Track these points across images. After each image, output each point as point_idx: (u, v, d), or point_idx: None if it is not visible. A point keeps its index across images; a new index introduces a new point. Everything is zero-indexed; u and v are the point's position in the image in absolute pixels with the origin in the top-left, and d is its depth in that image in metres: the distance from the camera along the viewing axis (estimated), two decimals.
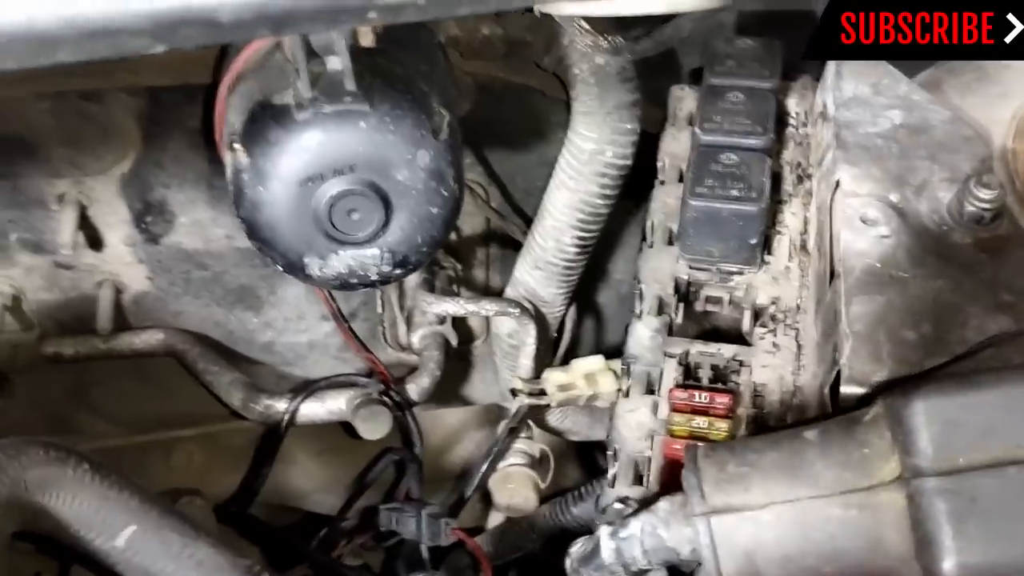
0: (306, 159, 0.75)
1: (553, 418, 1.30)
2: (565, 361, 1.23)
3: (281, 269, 0.82)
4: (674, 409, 0.79)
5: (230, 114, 0.82)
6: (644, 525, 0.59)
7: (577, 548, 0.67)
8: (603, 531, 0.62)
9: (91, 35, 0.36)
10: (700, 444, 0.61)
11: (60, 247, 1.15)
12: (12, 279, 1.24)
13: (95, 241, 1.22)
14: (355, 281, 0.82)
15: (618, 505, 0.65)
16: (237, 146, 0.77)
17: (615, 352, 1.23)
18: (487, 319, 1.32)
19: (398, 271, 0.82)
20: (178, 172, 1.17)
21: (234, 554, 0.83)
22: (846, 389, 0.72)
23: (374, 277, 0.82)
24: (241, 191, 0.78)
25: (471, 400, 1.43)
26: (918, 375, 0.58)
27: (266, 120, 0.76)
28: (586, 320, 1.37)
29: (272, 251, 0.80)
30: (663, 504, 0.59)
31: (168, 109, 1.10)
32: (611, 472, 0.81)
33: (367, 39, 0.74)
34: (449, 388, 1.39)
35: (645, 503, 0.60)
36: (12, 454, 0.74)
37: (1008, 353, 0.61)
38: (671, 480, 0.78)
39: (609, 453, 0.82)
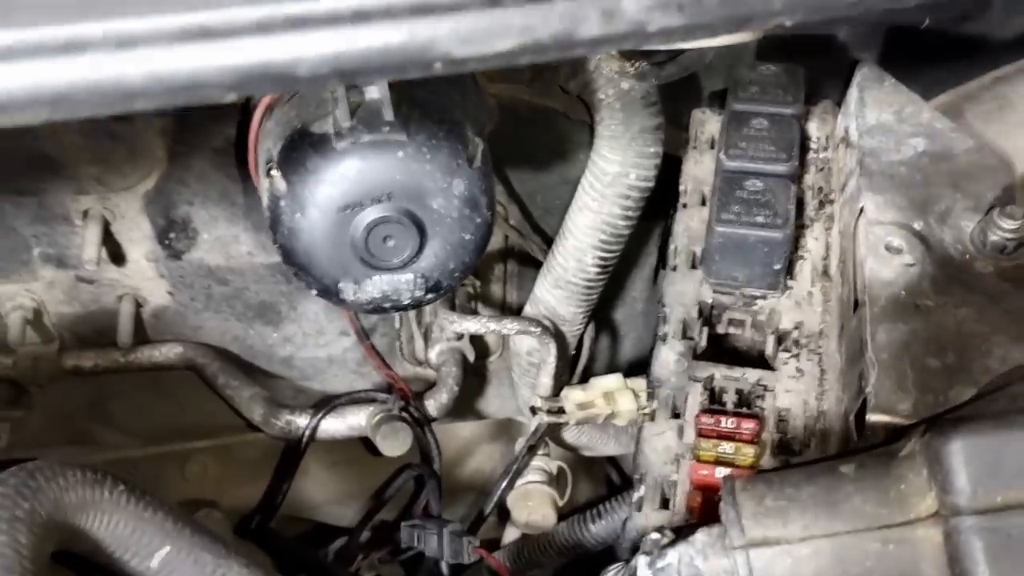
0: (344, 187, 0.76)
1: (569, 435, 1.31)
2: (582, 379, 1.25)
3: (316, 294, 0.83)
4: (700, 434, 0.81)
5: (266, 140, 0.83)
6: (682, 556, 0.60)
7: None
8: (640, 561, 0.63)
9: (172, 89, 0.38)
10: (737, 476, 0.62)
11: (84, 262, 1.16)
12: (34, 293, 1.24)
13: (118, 256, 1.23)
14: (388, 305, 0.83)
15: (655, 535, 0.66)
16: (275, 173, 0.78)
17: (632, 369, 1.24)
18: (503, 336, 1.33)
19: (430, 296, 0.84)
20: (201, 190, 1.17)
21: (265, 572, 0.84)
22: (872, 417, 0.73)
23: (407, 301, 0.83)
24: (279, 218, 0.79)
25: (486, 414, 1.44)
26: (952, 410, 0.59)
27: (305, 148, 0.77)
28: (603, 337, 1.38)
29: (308, 276, 0.81)
30: (700, 536, 0.60)
31: (193, 128, 1.11)
32: (637, 495, 0.83)
33: None
34: (464, 402, 1.40)
35: (681, 534, 0.61)
36: (51, 476, 0.75)
37: None
38: (698, 505, 0.79)
39: (635, 477, 0.83)
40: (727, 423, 0.81)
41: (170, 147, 1.13)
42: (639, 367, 1.17)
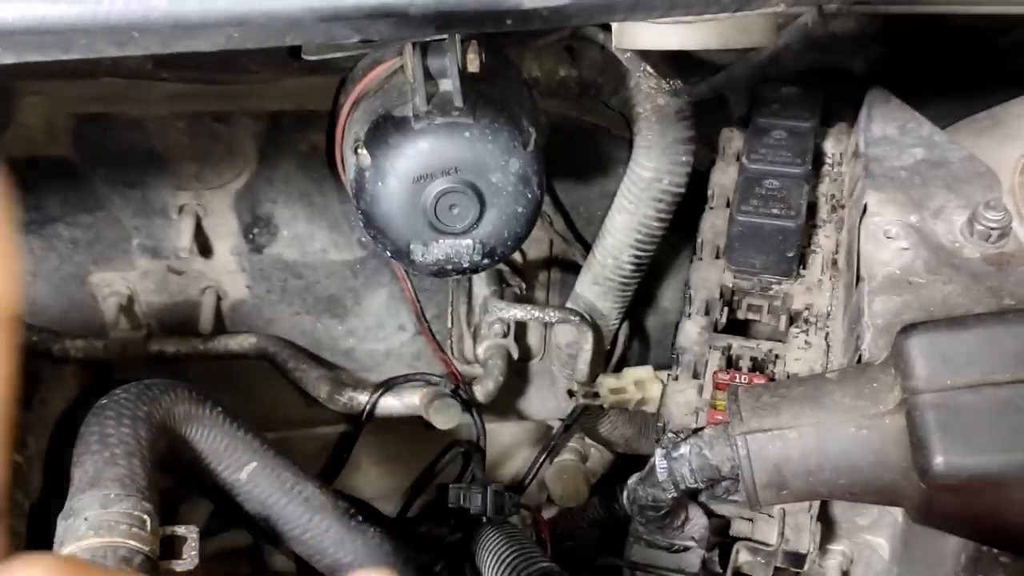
0: (419, 161, 0.91)
1: (604, 428, 1.42)
2: (616, 372, 1.36)
3: (389, 255, 0.96)
4: (717, 387, 0.92)
5: (354, 125, 0.98)
6: (692, 448, 0.72)
7: (635, 476, 0.79)
8: (658, 452, 0.75)
9: (325, 18, 0.52)
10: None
11: (179, 249, 1.31)
12: (129, 281, 1.39)
13: (205, 249, 1.37)
14: (450, 267, 0.97)
15: (671, 434, 0.78)
16: (362, 150, 0.92)
17: (662, 369, 1.35)
18: (545, 339, 1.46)
19: (486, 261, 0.97)
20: (285, 190, 1.33)
21: (335, 496, 0.96)
22: None
23: (466, 265, 0.97)
24: (363, 187, 0.93)
25: (526, 415, 1.56)
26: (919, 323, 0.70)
27: (388, 128, 0.92)
28: (636, 342, 1.50)
29: (385, 238, 0.95)
30: (708, 431, 0.72)
31: (283, 133, 1.27)
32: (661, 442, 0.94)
33: (473, 65, 0.90)
34: (507, 402, 1.52)
35: (693, 432, 0.73)
36: (163, 389, 0.89)
37: None
38: None
39: (659, 425, 0.95)
40: (741, 379, 0.92)
41: (261, 149, 1.29)
42: (668, 368, 1.28)
